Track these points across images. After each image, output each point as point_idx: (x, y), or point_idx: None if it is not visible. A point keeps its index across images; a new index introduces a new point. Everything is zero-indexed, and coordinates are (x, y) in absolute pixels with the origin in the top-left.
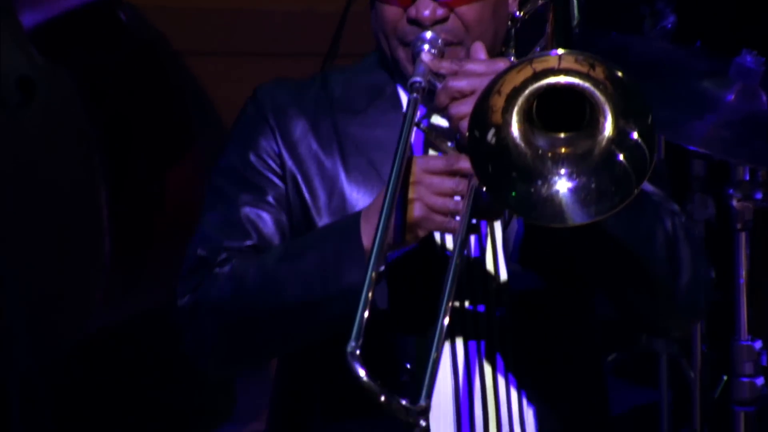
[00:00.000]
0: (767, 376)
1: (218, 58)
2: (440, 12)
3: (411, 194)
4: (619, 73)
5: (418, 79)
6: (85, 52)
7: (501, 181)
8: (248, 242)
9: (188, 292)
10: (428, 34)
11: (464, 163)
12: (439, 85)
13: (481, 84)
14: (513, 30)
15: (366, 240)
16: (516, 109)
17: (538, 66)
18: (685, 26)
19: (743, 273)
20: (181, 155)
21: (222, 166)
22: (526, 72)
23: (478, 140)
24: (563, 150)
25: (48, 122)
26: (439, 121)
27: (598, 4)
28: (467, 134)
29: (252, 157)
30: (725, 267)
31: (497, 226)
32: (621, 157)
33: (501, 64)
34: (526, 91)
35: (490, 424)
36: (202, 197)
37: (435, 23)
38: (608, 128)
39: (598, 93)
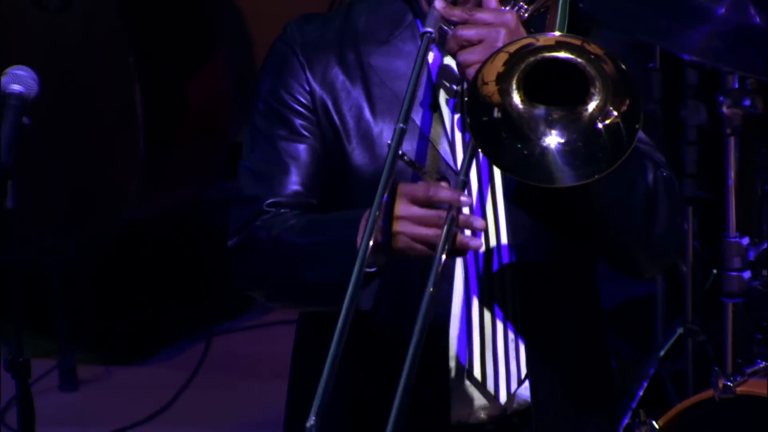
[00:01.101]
0: (754, 270)
1: None
2: None
3: (396, 227)
4: (610, 53)
5: (429, 29)
6: None
7: (497, 144)
8: (289, 181)
9: (236, 234)
10: None
11: (444, 193)
12: (450, 32)
13: (488, 34)
14: None
15: (359, 241)
16: (514, 78)
17: (537, 42)
18: None
19: (732, 175)
20: (208, 59)
21: (258, 103)
22: (524, 45)
23: (478, 110)
24: (556, 117)
25: (86, 26)
26: (450, 61)
27: None
28: (467, 103)
29: (283, 93)
30: (716, 169)
31: (497, 178)
32: (605, 129)
33: (509, 16)
34: (524, 62)
35: (499, 365)
36: (226, 106)
37: None
38: (597, 100)
39: (590, 68)
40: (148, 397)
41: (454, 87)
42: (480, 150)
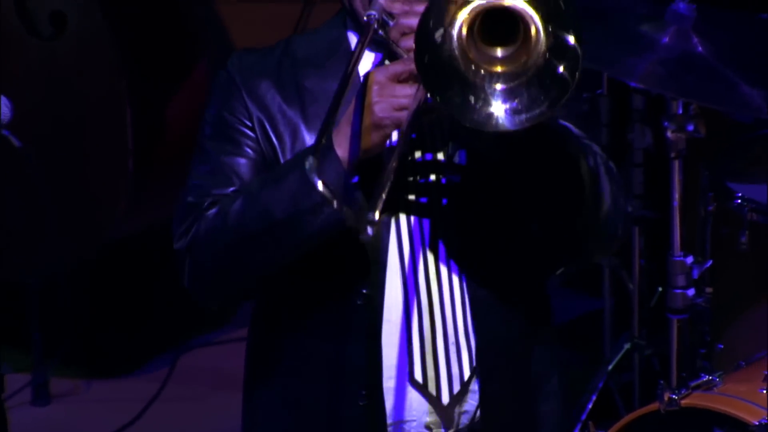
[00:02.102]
0: (698, 287)
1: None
2: None
3: (374, 97)
4: None
5: (373, 12)
6: None
7: (443, 88)
8: (232, 188)
9: (182, 236)
10: None
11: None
12: (392, 23)
13: None
14: None
15: (340, 151)
16: (457, 25)
17: None
18: None
19: (677, 196)
20: (191, 74)
21: (204, 128)
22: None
23: (424, 52)
24: (500, 61)
25: (79, 51)
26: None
27: None
28: (414, 46)
29: (227, 115)
30: (661, 190)
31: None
32: (549, 66)
33: None
34: (467, 8)
35: (440, 367)
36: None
37: None
38: (539, 39)
39: (528, 8)
40: (120, 411)
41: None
42: (427, 93)
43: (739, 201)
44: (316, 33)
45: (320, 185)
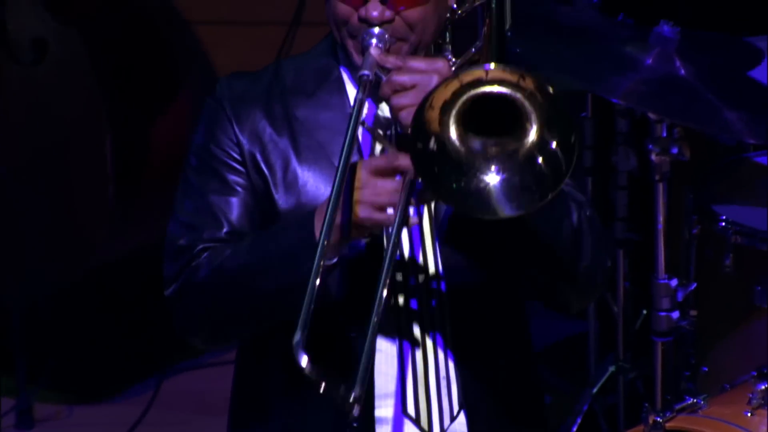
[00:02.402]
0: (682, 310)
1: (198, 26)
2: (388, 14)
3: (357, 196)
4: (550, 88)
5: (366, 72)
6: (92, 17)
7: (437, 177)
8: (220, 230)
9: (173, 281)
10: (376, 30)
11: (403, 160)
12: (384, 78)
13: (421, 80)
14: (450, 22)
15: (318, 234)
16: (452, 114)
17: (466, 78)
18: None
19: (661, 219)
20: (173, 107)
21: (190, 158)
22: (455, 85)
23: (419, 144)
24: (493, 150)
25: (61, 77)
26: (383, 109)
27: None
28: (410, 140)
29: (214, 148)
30: (645, 212)
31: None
32: (541, 161)
33: (440, 63)
34: (461, 99)
35: (431, 401)
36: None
37: (382, 23)
38: (533, 134)
39: (527, 102)
40: None
41: (388, 132)
42: (418, 179)
43: (724, 224)
44: (306, 59)
45: (304, 361)
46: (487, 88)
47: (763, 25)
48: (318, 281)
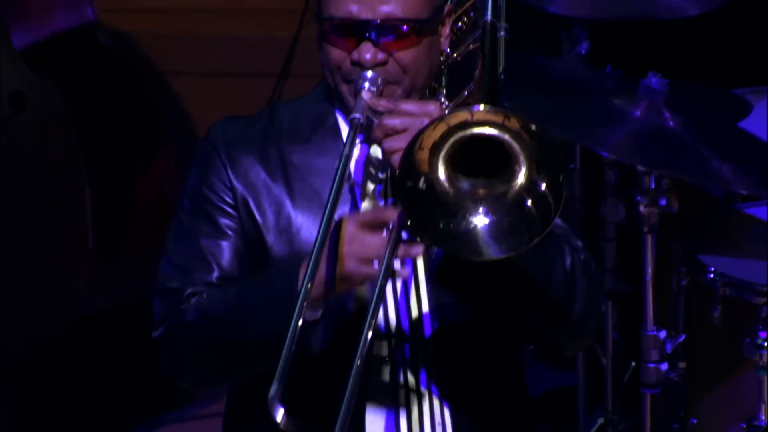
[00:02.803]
0: (671, 361)
1: (185, 78)
2: (380, 56)
3: (344, 249)
4: (534, 126)
5: (357, 115)
6: (71, 69)
7: (425, 219)
8: (211, 274)
9: (161, 324)
10: (369, 74)
11: (390, 214)
12: (377, 121)
13: (412, 123)
14: (444, 66)
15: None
16: (441, 155)
17: (453, 120)
18: (598, 51)
19: (650, 270)
20: (155, 160)
21: (183, 200)
22: (442, 127)
23: (408, 185)
24: (481, 191)
25: (39, 130)
26: (375, 151)
27: (522, 29)
28: (398, 181)
29: (207, 191)
30: (634, 264)
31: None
32: (530, 202)
33: (432, 106)
34: (450, 140)
35: (423, 415)
36: (173, 199)
37: (375, 66)
38: (522, 176)
39: (514, 143)
40: None
41: (380, 175)
42: (408, 220)
43: (712, 275)
44: (301, 103)
45: (280, 415)
46: (476, 130)
47: (750, 78)
48: (296, 335)
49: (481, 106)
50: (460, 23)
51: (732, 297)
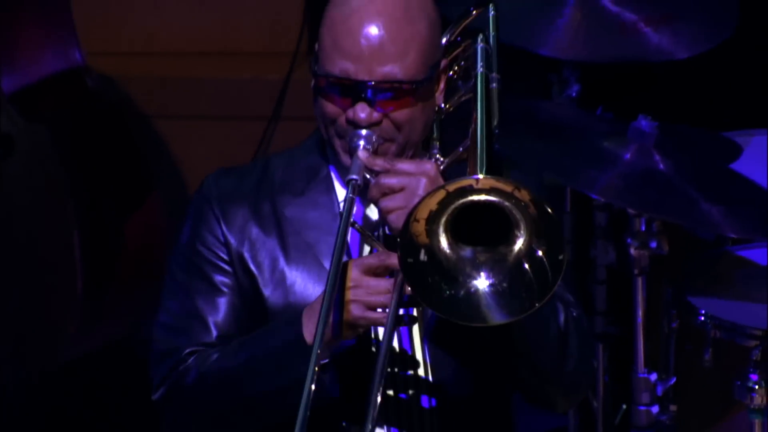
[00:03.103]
0: (662, 404)
1: (175, 120)
2: (375, 115)
3: (349, 296)
4: (544, 204)
5: (355, 176)
6: (59, 113)
7: (428, 286)
8: (207, 333)
9: (160, 385)
10: (363, 132)
11: (394, 259)
12: (373, 180)
13: (409, 183)
14: (439, 119)
15: (308, 336)
16: (443, 219)
17: (452, 187)
18: (588, 94)
19: (640, 313)
20: (143, 203)
21: (176, 256)
22: (441, 194)
23: (410, 259)
24: (483, 257)
25: (28, 172)
26: (371, 210)
27: (512, 72)
28: (399, 255)
29: (200, 247)
30: (625, 307)
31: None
32: (529, 269)
33: (429, 165)
34: (454, 204)
35: None
36: (161, 242)
37: (370, 125)
38: (522, 242)
39: (516, 211)
40: None
41: (376, 233)
42: (409, 288)
43: (703, 318)
44: (295, 155)
45: None
46: (476, 197)
47: (739, 120)
48: (314, 381)
49: (481, 175)
50: (451, 72)
51: (723, 340)
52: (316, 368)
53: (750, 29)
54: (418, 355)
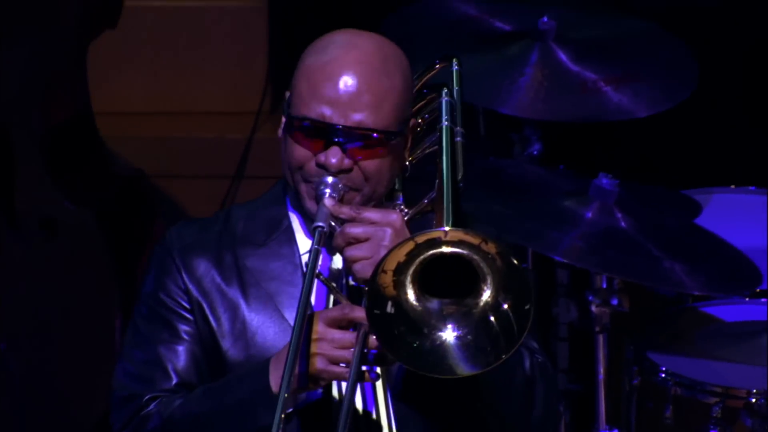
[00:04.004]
0: None
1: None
2: (347, 162)
3: (314, 349)
4: (509, 254)
5: (321, 224)
6: (98, 192)
7: (395, 337)
8: (169, 381)
9: (122, 430)
10: (330, 179)
11: (358, 312)
12: (338, 228)
13: (375, 233)
14: (403, 173)
15: (274, 386)
16: (410, 271)
17: (421, 239)
18: (549, 152)
19: (602, 370)
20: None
21: (140, 305)
22: (410, 246)
23: (376, 310)
24: (449, 310)
25: (72, 255)
26: (335, 259)
27: (469, 131)
28: (366, 306)
29: (163, 296)
30: (586, 364)
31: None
32: (495, 321)
33: (394, 215)
34: (418, 259)
35: None
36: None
37: (339, 172)
38: (488, 295)
39: (482, 264)
40: None
41: (341, 281)
42: (377, 340)
43: (663, 375)
44: (256, 206)
45: None
46: (444, 249)
47: (699, 178)
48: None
49: (447, 227)
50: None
51: (683, 396)
52: (282, 416)
53: (709, 89)
54: (383, 413)
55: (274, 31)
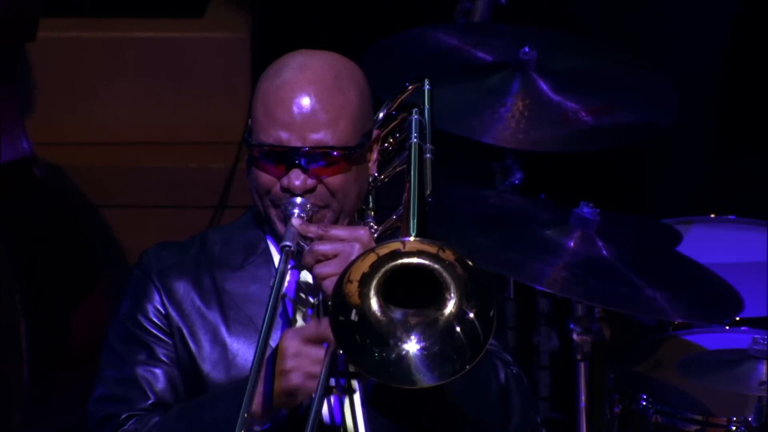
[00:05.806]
0: None
1: (122, 209)
2: (310, 182)
3: (291, 364)
4: (469, 260)
5: (288, 243)
6: (6, 202)
7: (359, 347)
8: (146, 401)
9: None
10: (298, 200)
11: (329, 329)
12: (307, 247)
13: (343, 249)
14: (372, 188)
15: (254, 405)
16: (372, 285)
17: (384, 250)
18: (530, 181)
19: (583, 398)
20: (90, 293)
21: (116, 326)
22: (372, 257)
23: (341, 317)
24: (413, 320)
25: None
26: (306, 276)
27: (455, 160)
28: (331, 313)
29: (141, 318)
30: (567, 392)
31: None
32: (460, 331)
33: (361, 231)
34: (381, 270)
35: None
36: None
37: (305, 192)
38: (452, 305)
39: (445, 272)
40: None
41: (312, 299)
42: (340, 350)
43: (645, 403)
44: (232, 230)
45: None
46: (407, 260)
47: (679, 208)
48: None
49: (412, 237)
50: (386, 143)
51: (664, 424)
52: None
53: (689, 118)
54: (356, 425)
55: (257, 61)
